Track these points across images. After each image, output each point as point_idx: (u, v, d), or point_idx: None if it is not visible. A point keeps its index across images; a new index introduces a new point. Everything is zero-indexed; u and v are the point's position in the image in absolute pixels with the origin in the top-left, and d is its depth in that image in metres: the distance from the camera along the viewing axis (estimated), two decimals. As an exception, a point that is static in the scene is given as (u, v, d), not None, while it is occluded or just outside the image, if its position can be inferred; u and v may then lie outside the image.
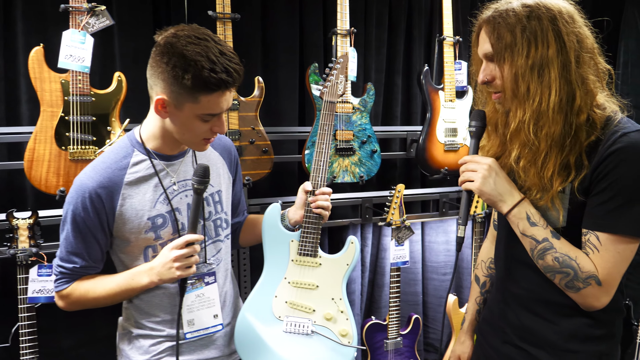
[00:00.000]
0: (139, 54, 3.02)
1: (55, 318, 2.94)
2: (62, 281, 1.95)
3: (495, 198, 1.74)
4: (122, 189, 1.89)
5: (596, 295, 1.66)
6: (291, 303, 2.29)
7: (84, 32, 2.51)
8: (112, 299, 1.96)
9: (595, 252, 1.64)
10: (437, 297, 4.15)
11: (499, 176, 1.75)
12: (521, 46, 1.63)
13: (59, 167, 2.50)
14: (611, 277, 1.64)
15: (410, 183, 3.95)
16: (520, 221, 1.73)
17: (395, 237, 3.30)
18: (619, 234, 1.61)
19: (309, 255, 2.31)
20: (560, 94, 1.62)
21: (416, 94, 3.90)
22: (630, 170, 1.58)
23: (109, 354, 3.08)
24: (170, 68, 1.73)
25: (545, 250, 1.69)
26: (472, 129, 1.88)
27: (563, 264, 1.66)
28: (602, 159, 1.60)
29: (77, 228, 1.87)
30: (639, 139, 1.59)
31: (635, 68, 4.36)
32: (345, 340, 2.28)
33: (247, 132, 2.95)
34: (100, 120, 2.57)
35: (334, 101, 2.46)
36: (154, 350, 2.04)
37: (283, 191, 3.53)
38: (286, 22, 3.42)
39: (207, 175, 1.87)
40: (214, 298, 2.10)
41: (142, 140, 1.94)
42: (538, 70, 1.62)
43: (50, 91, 2.47)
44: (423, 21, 3.88)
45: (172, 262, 1.86)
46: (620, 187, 1.58)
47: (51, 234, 2.72)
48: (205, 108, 1.79)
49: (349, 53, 3.17)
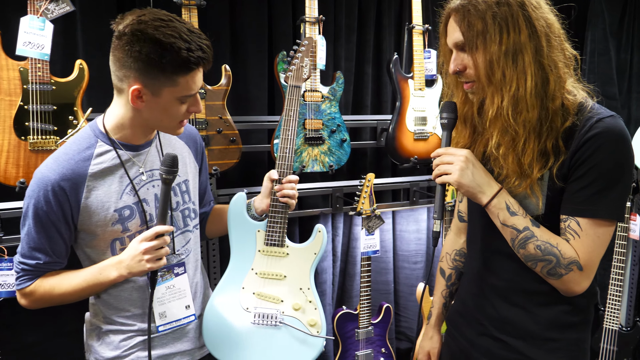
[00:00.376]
0: (102, 41, 2.94)
1: (18, 313, 2.88)
2: (24, 278, 1.89)
3: (475, 189, 1.73)
4: (87, 180, 1.84)
5: (577, 280, 1.68)
6: (259, 294, 2.27)
7: (43, 18, 2.44)
8: (79, 295, 1.91)
9: (576, 238, 1.66)
10: (408, 286, 4.16)
11: (476, 167, 1.74)
12: (493, 32, 1.62)
13: (18, 158, 2.43)
14: (591, 262, 1.67)
15: (380, 172, 3.95)
16: (500, 211, 1.72)
17: (365, 227, 3.29)
18: (599, 218, 1.64)
19: (276, 245, 2.30)
20: (535, 79, 1.62)
21: (386, 82, 3.89)
22: (608, 156, 1.60)
23: (74, 349, 3.06)
24: (145, 56, 1.69)
25: (527, 239, 1.69)
26: (444, 121, 1.85)
27: (545, 252, 1.67)
28: (580, 145, 1.62)
29: (39, 222, 1.81)
30: (615, 124, 1.61)
31: (601, 57, 4.42)
32: (314, 330, 2.28)
33: (215, 121, 2.91)
34: (62, 109, 2.51)
35: (299, 85, 2.44)
36: (124, 346, 2.01)
37: (252, 181, 3.50)
38: (254, 10, 3.38)
39: (175, 165, 1.83)
40: (185, 289, 2.08)
41: (106, 131, 1.89)
42: (512, 55, 1.62)
43: (8, 79, 2.40)
44: (393, 9, 3.87)
45: (141, 254, 1.83)
46: (599, 173, 1.60)
47: (11, 227, 2.67)
48: (185, 89, 1.78)
49: (317, 40, 3.14)
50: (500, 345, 1.87)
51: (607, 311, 3.64)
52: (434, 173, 1.79)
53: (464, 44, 1.68)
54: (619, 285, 3.57)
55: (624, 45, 4.43)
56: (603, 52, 4.40)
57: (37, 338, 2.99)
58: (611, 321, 3.63)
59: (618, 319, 3.60)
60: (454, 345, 2.08)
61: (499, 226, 1.74)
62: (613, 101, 4.42)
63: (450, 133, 1.86)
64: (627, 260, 3.68)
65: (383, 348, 3.51)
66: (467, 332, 2.00)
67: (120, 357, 2.00)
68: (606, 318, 3.65)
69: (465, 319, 2.02)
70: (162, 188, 1.85)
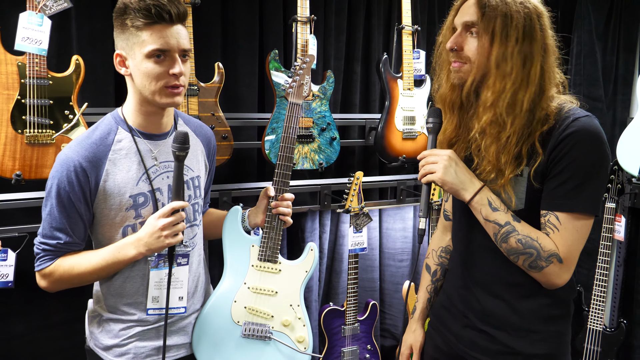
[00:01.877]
0: (97, 37, 2.98)
1: (8, 303, 2.90)
2: (45, 258, 1.93)
3: (458, 186, 1.82)
4: (107, 164, 1.90)
5: (557, 272, 1.76)
6: (250, 308, 2.32)
7: (41, 14, 2.47)
8: (98, 275, 1.95)
9: (556, 232, 1.74)
10: (393, 284, 4.19)
11: (458, 166, 1.83)
12: (514, 31, 1.71)
13: (15, 151, 2.46)
14: (571, 255, 1.75)
15: (368, 170, 3.97)
16: (482, 207, 1.80)
17: (353, 224, 3.32)
18: (577, 212, 1.72)
19: (269, 261, 2.35)
20: (536, 87, 1.74)
21: (375, 82, 3.92)
22: (583, 153, 1.69)
23: (63, 338, 3.09)
24: (115, 19, 1.84)
25: (509, 234, 1.77)
26: (429, 125, 1.94)
27: (526, 245, 1.75)
28: (557, 143, 1.71)
29: (61, 202, 1.86)
30: (589, 123, 1.71)
31: (587, 59, 4.44)
32: (302, 346, 2.34)
33: (207, 118, 2.94)
34: (58, 103, 2.54)
35: (299, 103, 2.47)
36: (123, 335, 2.04)
37: (242, 177, 3.52)
38: (246, 8, 3.40)
39: (187, 141, 1.88)
40: (183, 280, 2.11)
41: (124, 118, 1.97)
42: (523, 58, 1.72)
43: (7, 74, 2.43)
44: (382, 9, 3.90)
45: (160, 230, 1.88)
46: (576, 169, 1.69)
47: (6, 219, 2.70)
48: (147, 43, 1.80)
49: (309, 40, 3.18)
50: (484, 336, 1.94)
51: (591, 312, 3.64)
52: (419, 173, 1.88)
53: (477, 28, 1.75)
54: (603, 286, 3.57)
55: (609, 48, 4.44)
56: (589, 54, 4.42)
57: (26, 328, 3.01)
58: (595, 322, 3.62)
59: (602, 320, 3.60)
60: (437, 338, 2.14)
61: (482, 221, 1.82)
62: (599, 103, 4.43)
63: (436, 137, 1.95)
64: (611, 261, 3.69)
65: (369, 345, 3.54)
66: (451, 324, 2.06)
67: (118, 346, 2.04)
68: (590, 319, 3.64)
69: (449, 312, 2.08)
70: (176, 165, 1.90)
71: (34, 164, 2.50)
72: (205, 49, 3.23)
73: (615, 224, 3.61)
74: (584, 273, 4.51)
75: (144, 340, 2.06)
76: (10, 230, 2.68)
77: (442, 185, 1.84)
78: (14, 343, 2.98)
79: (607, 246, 3.58)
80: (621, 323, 3.66)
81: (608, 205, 3.58)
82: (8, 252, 2.55)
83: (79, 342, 2.97)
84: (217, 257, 3.42)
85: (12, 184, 2.49)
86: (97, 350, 2.07)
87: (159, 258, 2.03)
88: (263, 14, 3.49)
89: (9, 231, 2.67)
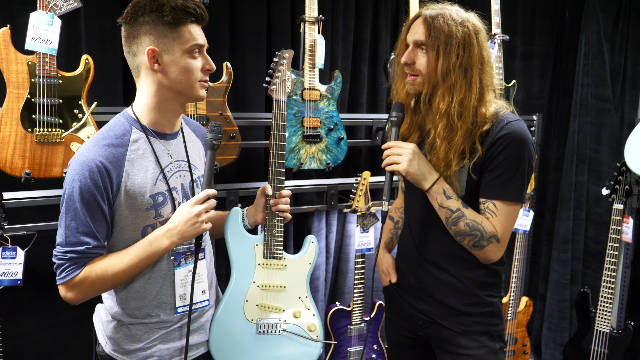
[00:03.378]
0: (106, 36, 3.00)
1: (17, 301, 2.92)
2: (71, 268, 1.86)
3: (419, 177, 2.13)
4: (126, 165, 1.90)
5: (494, 250, 2.13)
6: (262, 305, 2.40)
7: (51, 14, 2.49)
8: (132, 272, 1.93)
9: (494, 216, 2.11)
10: (400, 284, 4.17)
11: (420, 159, 2.14)
12: (455, 46, 2.05)
13: (24, 150, 2.48)
14: (505, 235, 2.13)
15: (375, 170, 3.96)
16: (438, 195, 2.13)
17: (360, 224, 3.33)
18: (509, 200, 2.10)
19: (275, 258, 2.44)
20: (477, 93, 2.09)
21: (382, 81, 3.92)
22: (513, 151, 2.05)
23: (71, 337, 3.10)
24: (147, 16, 1.85)
25: (458, 218, 2.11)
26: (393, 119, 2.23)
27: (472, 228, 2.10)
28: (493, 143, 2.07)
29: (87, 204, 1.82)
30: (519, 127, 2.07)
31: (595, 59, 4.44)
32: (314, 334, 2.47)
33: (215, 118, 2.95)
34: (67, 102, 2.55)
35: (284, 100, 2.55)
36: (147, 338, 2.04)
37: (249, 177, 3.54)
38: (254, 8, 3.41)
39: (221, 132, 2.00)
40: (203, 274, 2.15)
41: (137, 117, 1.97)
42: (465, 69, 2.07)
43: (17, 73, 2.45)
44: (390, 10, 3.90)
45: (196, 217, 1.93)
46: (508, 164, 2.06)
47: (15, 217, 2.70)
48: (188, 39, 1.90)
49: (316, 40, 3.19)
50: (436, 303, 2.30)
51: (598, 313, 3.63)
52: (384, 162, 2.19)
53: (425, 45, 2.10)
54: (610, 287, 3.56)
55: (617, 48, 4.42)
56: (597, 54, 4.42)
57: (34, 326, 3.02)
58: (602, 323, 3.61)
59: (609, 322, 3.59)
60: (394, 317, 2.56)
61: (436, 207, 2.16)
62: (606, 103, 4.42)
63: (399, 129, 2.25)
64: (619, 262, 3.68)
65: (375, 345, 3.54)
66: (408, 299, 2.41)
67: (142, 350, 2.03)
68: (597, 320, 3.63)
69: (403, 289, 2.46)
70: (209, 154, 1.99)
71: (44, 163, 2.52)
72: (213, 49, 3.23)
73: (623, 225, 3.60)
74: (591, 274, 4.51)
75: (167, 343, 2.06)
76: (20, 228, 2.69)
77: (405, 175, 2.14)
78: (22, 341, 2.99)
79: (615, 247, 3.57)
80: (628, 325, 3.64)
81: (616, 206, 3.57)
82: (17, 250, 2.56)
83: (86, 341, 3.00)
84: (223, 256, 3.42)
85: (22, 182, 2.50)
86: (115, 355, 2.04)
87: (180, 256, 2.05)
88: (271, 13, 3.50)
89: (19, 229, 2.68)
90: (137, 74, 1.95)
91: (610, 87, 4.42)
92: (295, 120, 3.17)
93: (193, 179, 2.10)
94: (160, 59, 1.88)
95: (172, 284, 2.04)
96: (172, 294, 2.05)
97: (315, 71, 3.22)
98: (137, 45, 1.88)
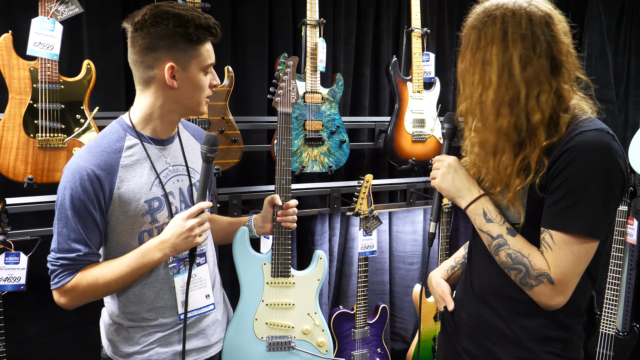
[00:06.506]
0: (108, 41, 3.00)
1: (21, 306, 2.93)
2: (64, 274, 1.87)
3: (454, 194, 1.85)
4: (119, 171, 1.90)
5: (549, 294, 1.67)
6: (271, 323, 2.42)
7: (53, 19, 2.49)
8: (124, 282, 1.94)
9: (549, 251, 1.65)
10: (403, 287, 4.19)
11: (457, 173, 1.85)
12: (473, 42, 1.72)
13: (27, 155, 2.48)
14: (565, 277, 1.64)
15: (378, 173, 3.98)
16: (477, 217, 1.79)
17: (363, 227, 3.32)
18: (570, 233, 1.61)
19: (282, 276, 2.44)
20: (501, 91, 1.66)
21: (384, 84, 3.92)
22: (580, 169, 1.59)
23: (74, 341, 3.10)
24: (171, 31, 1.83)
25: (500, 246, 1.72)
26: (443, 131, 2.02)
27: (515, 261, 1.69)
28: (557, 157, 1.62)
29: (77, 212, 1.83)
30: (593, 138, 1.59)
31: (599, 60, 4.43)
32: (323, 350, 2.47)
33: (217, 122, 2.96)
34: (69, 108, 2.56)
35: (289, 112, 2.48)
36: (144, 341, 2.04)
37: (252, 181, 3.53)
38: (255, 12, 3.42)
39: (216, 144, 1.96)
40: (206, 278, 2.14)
41: (132, 125, 1.97)
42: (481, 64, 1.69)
43: (19, 78, 2.45)
44: (391, 12, 3.90)
45: (189, 231, 1.91)
46: (571, 186, 1.59)
47: (18, 222, 2.71)
48: (207, 58, 1.93)
49: (318, 43, 3.19)
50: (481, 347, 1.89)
51: (603, 316, 3.62)
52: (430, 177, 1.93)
53: None
54: (615, 289, 3.55)
55: (621, 49, 4.42)
56: (600, 55, 4.41)
57: (39, 331, 3.03)
58: (608, 326, 3.61)
59: (615, 324, 3.58)
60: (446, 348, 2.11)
61: (478, 231, 1.80)
62: (610, 105, 4.42)
63: (450, 142, 2.00)
64: (624, 264, 3.66)
65: (379, 348, 3.54)
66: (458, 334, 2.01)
67: (139, 353, 2.03)
68: (603, 322, 3.63)
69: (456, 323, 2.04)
70: (204, 166, 1.95)
71: (46, 168, 2.52)
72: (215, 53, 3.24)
73: (628, 227, 3.59)
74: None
75: (164, 346, 2.06)
76: (23, 233, 2.70)
77: (440, 191, 1.90)
78: (26, 345, 3.00)
79: (620, 249, 3.56)
80: (634, 327, 3.62)
81: (620, 208, 3.56)
82: (20, 255, 2.56)
83: (90, 345, 3.00)
84: (226, 260, 3.42)
85: (25, 187, 2.51)
86: (115, 358, 2.06)
87: (179, 263, 2.05)
88: (272, 17, 3.51)
89: (22, 234, 2.69)
90: (146, 85, 1.92)
91: (614, 88, 4.41)
92: (297, 123, 3.17)
93: (192, 183, 2.10)
94: (177, 75, 1.88)
95: (171, 289, 2.05)
96: (170, 299, 2.05)
97: (316, 74, 3.22)
98: (154, 58, 1.86)
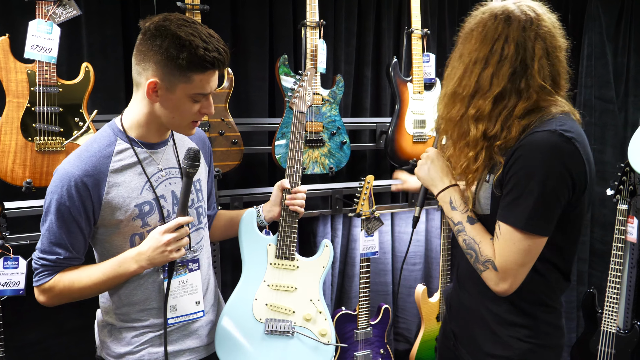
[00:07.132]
0: (107, 44, 2.99)
1: (20, 311, 2.91)
2: (44, 274, 1.91)
3: (428, 182, 2.04)
4: (108, 177, 1.89)
5: (494, 279, 1.80)
6: (271, 305, 2.37)
7: (50, 22, 2.48)
8: (99, 289, 1.96)
9: (497, 240, 1.79)
10: (406, 287, 4.18)
11: (434, 164, 2.02)
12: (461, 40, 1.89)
13: (25, 159, 2.47)
14: (507, 266, 1.76)
15: (379, 174, 3.97)
16: (444, 204, 1.97)
17: (365, 228, 3.31)
18: (511, 225, 1.74)
19: (287, 259, 2.41)
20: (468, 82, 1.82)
21: (385, 85, 3.92)
22: (522, 167, 1.71)
23: (74, 346, 3.09)
24: (164, 50, 1.77)
25: (459, 232, 1.90)
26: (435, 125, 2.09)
27: (468, 246, 1.87)
28: (510, 155, 1.75)
29: (61, 217, 1.84)
30: (541, 138, 1.69)
31: (598, 61, 4.43)
32: (325, 339, 2.40)
33: (217, 124, 2.95)
34: (67, 111, 2.54)
35: (303, 111, 2.56)
36: (136, 342, 2.05)
37: (253, 182, 3.53)
38: (256, 14, 3.41)
39: (198, 159, 1.91)
40: (197, 285, 2.13)
41: (124, 129, 1.96)
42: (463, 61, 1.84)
43: (16, 82, 2.44)
44: (392, 13, 3.90)
45: (164, 246, 1.89)
46: (515, 182, 1.72)
47: (17, 226, 2.70)
48: (198, 87, 1.84)
49: (317, 44, 3.18)
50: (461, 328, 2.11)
51: (604, 314, 3.63)
52: None
53: None
54: (616, 287, 3.56)
55: (620, 49, 4.43)
56: (600, 55, 4.41)
57: (39, 336, 3.02)
58: (609, 324, 3.61)
59: (616, 322, 3.59)
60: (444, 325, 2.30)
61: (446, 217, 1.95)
62: (610, 104, 4.42)
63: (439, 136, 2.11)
64: (624, 262, 3.66)
65: (382, 349, 3.53)
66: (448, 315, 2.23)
67: (131, 353, 2.04)
68: (604, 321, 3.63)
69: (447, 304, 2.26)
70: (184, 181, 1.92)
71: (44, 172, 2.51)
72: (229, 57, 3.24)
73: (628, 225, 3.59)
74: (597, 275, 4.50)
75: (156, 346, 2.06)
76: (22, 238, 2.68)
77: (419, 179, 2.08)
78: (26, 351, 2.99)
79: (620, 248, 3.56)
80: (635, 325, 3.63)
81: (620, 207, 3.56)
82: (19, 259, 2.55)
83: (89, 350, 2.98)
84: (229, 262, 3.42)
85: (23, 191, 2.50)
86: (109, 358, 2.07)
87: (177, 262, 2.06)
88: (273, 19, 3.50)
89: (20, 239, 2.68)
90: (136, 89, 1.92)
91: (613, 88, 4.42)
92: (297, 125, 3.16)
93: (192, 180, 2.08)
94: (160, 92, 1.84)
95: (161, 292, 2.04)
96: (161, 301, 2.04)
97: (317, 76, 3.21)
98: (143, 66, 1.84)
